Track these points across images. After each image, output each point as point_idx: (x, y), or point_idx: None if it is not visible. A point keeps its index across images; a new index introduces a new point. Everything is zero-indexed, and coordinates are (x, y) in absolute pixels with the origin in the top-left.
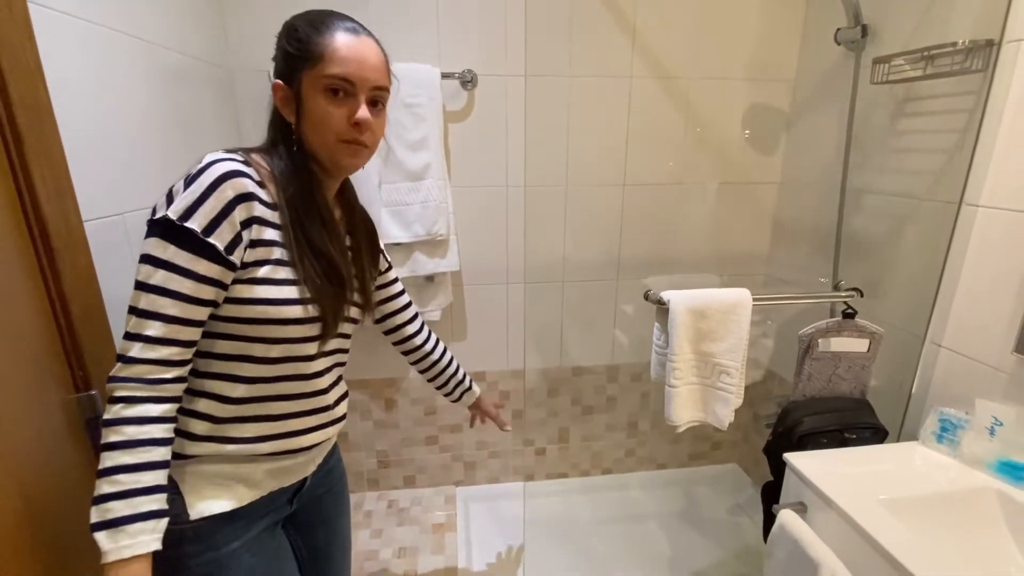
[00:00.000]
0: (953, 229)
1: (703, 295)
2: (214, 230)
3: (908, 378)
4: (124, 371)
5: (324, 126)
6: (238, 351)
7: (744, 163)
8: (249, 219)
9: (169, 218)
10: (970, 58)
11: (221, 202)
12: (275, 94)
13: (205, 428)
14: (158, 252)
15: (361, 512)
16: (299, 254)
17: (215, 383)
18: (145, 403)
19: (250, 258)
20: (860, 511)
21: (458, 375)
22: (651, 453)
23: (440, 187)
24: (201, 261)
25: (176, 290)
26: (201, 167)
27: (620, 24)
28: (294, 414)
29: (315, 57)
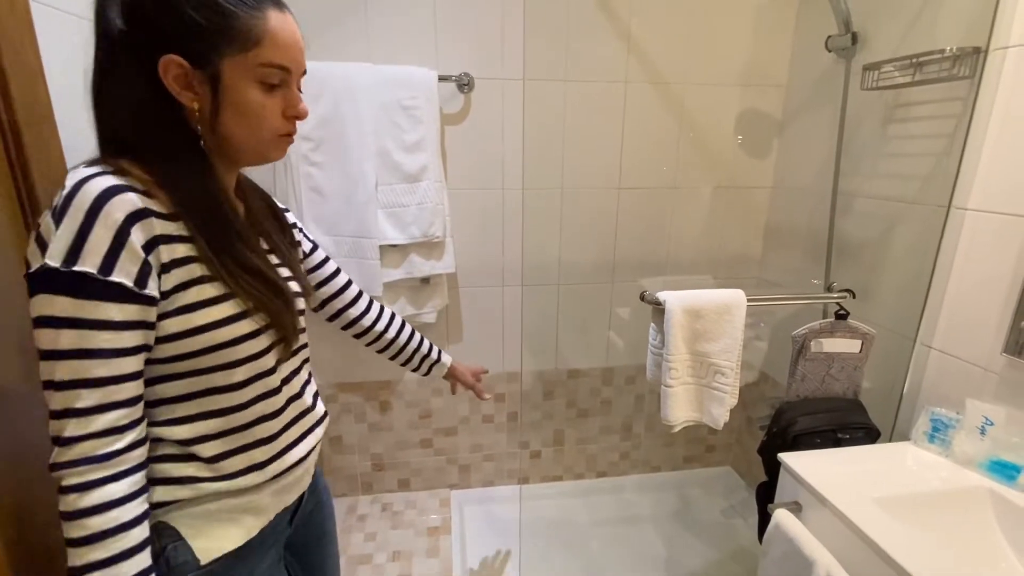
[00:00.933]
0: (942, 232)
1: (698, 296)
2: (113, 265)
3: (899, 379)
4: (65, 455)
5: (259, 121)
6: (198, 387)
7: (737, 167)
8: (151, 240)
9: (50, 267)
10: (957, 65)
11: (110, 229)
12: (165, 73)
13: (194, 470)
14: (54, 310)
15: (355, 515)
16: (222, 266)
17: (184, 427)
18: (103, 485)
19: (169, 285)
20: (854, 509)
21: (422, 349)
22: (645, 456)
23: (436, 189)
24: (110, 306)
25: (94, 347)
26: (68, 193)
27: (615, 29)
28: (281, 430)
29: (246, 39)
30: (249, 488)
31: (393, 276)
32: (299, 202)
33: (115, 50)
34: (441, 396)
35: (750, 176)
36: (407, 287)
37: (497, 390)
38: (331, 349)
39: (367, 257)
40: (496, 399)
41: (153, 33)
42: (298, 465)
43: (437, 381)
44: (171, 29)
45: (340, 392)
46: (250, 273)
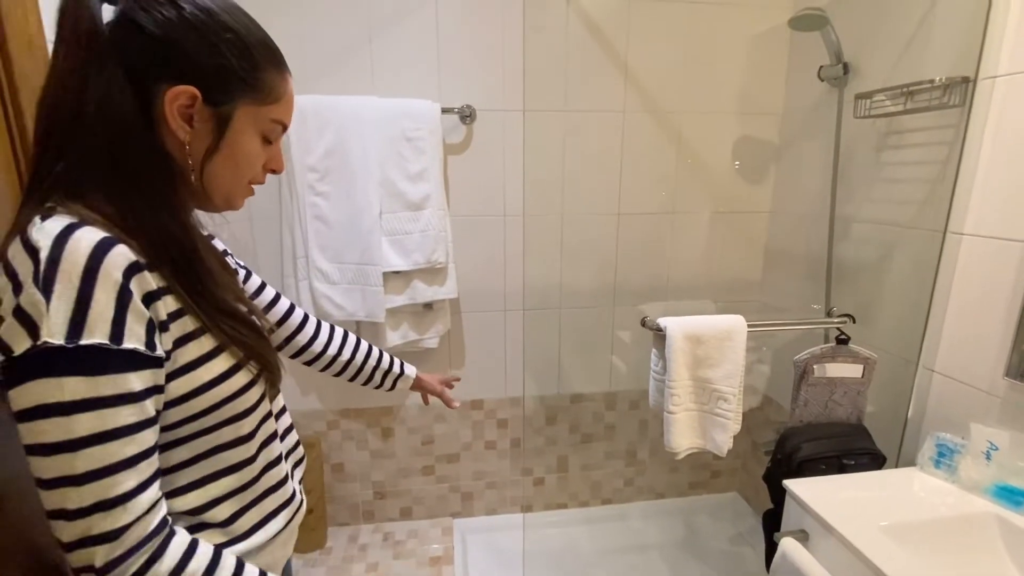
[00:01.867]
0: (939, 256)
1: (699, 321)
2: (123, 330)
3: (903, 403)
4: (120, 548)
5: (247, 167)
6: (206, 447)
7: (735, 193)
8: (148, 295)
9: (52, 345)
10: (948, 94)
11: (112, 290)
12: (173, 100)
13: (214, 536)
14: (63, 395)
15: (356, 545)
16: (211, 319)
17: (193, 495)
18: (167, 548)
19: (169, 343)
20: (862, 538)
21: (382, 364)
22: (650, 482)
23: (439, 217)
24: (129, 376)
25: (120, 425)
26: (51, 254)
27: (613, 61)
28: (284, 477)
29: (266, 92)
30: (264, 543)
31: (396, 302)
32: (304, 231)
33: (101, 63)
34: (444, 422)
35: (748, 201)
36: (410, 313)
37: (500, 415)
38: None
39: (371, 284)
40: (499, 425)
41: (166, 59)
42: (300, 510)
43: (439, 407)
44: (199, 61)
45: (342, 419)
46: (233, 318)
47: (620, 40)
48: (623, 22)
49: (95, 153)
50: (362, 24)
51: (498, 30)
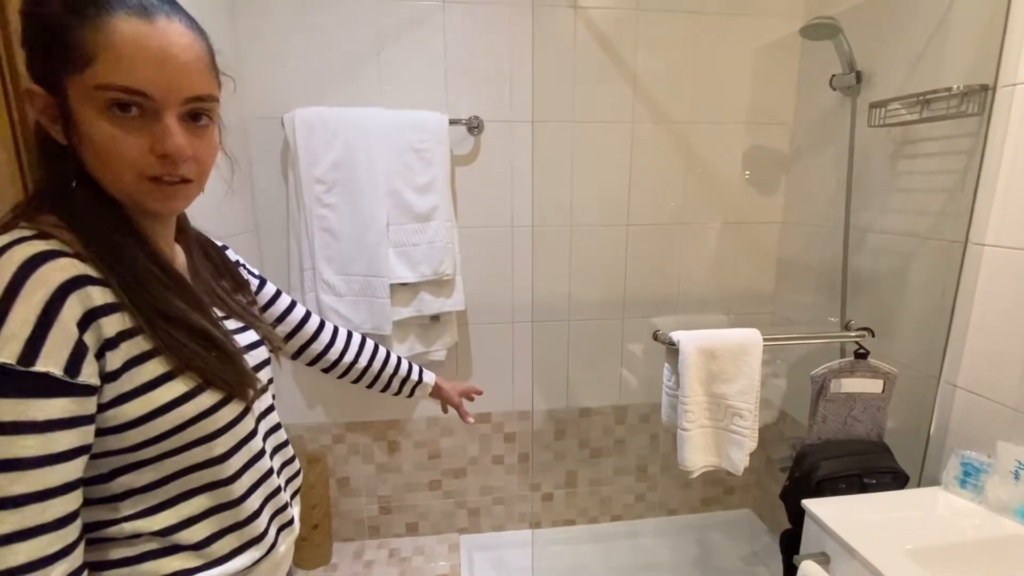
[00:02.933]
0: (961, 268)
1: (713, 335)
2: (37, 351)
3: (925, 420)
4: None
5: (114, 158)
6: (175, 468)
7: (745, 203)
8: (89, 313)
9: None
10: (965, 102)
11: (34, 307)
12: (32, 103)
13: (182, 561)
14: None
15: (361, 562)
16: (165, 339)
17: (163, 515)
18: None
19: (118, 362)
20: (887, 563)
21: (401, 371)
22: (662, 498)
23: (447, 228)
24: (34, 403)
25: (14, 457)
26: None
27: (621, 71)
28: (272, 493)
29: (78, 56)
30: (247, 569)
31: (403, 314)
32: (311, 242)
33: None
34: (451, 436)
35: (759, 212)
36: (417, 325)
37: (507, 429)
38: (338, 387)
39: (378, 296)
40: (506, 439)
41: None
42: (292, 525)
43: (446, 420)
44: (28, 53)
45: (348, 432)
46: (191, 335)
47: (628, 50)
48: (631, 32)
49: (46, 174)
50: (370, 36)
51: (506, 41)
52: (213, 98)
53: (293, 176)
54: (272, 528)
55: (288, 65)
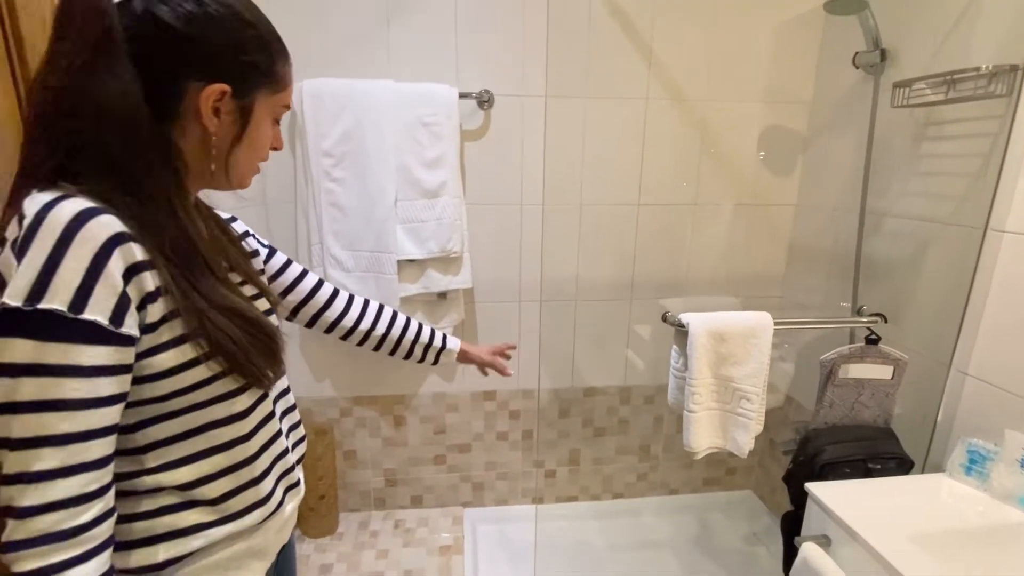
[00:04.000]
0: (979, 254)
1: (723, 318)
2: (86, 301)
3: (933, 407)
4: (22, 530)
5: (261, 150)
6: (198, 422)
7: (759, 185)
8: (132, 267)
9: (9, 307)
10: (993, 83)
11: (83, 259)
12: (207, 97)
13: (199, 515)
14: (13, 356)
15: (367, 531)
16: (199, 317)
17: (184, 470)
18: (69, 568)
19: (157, 315)
20: (888, 546)
21: (422, 338)
22: (663, 478)
23: (455, 205)
24: (82, 349)
25: (60, 398)
26: (32, 221)
27: (637, 46)
28: (281, 453)
29: (279, 82)
30: (256, 526)
31: (410, 291)
32: (319, 217)
33: (111, 57)
34: (456, 412)
35: (773, 194)
36: (424, 302)
37: (512, 407)
38: (346, 361)
39: (385, 272)
40: (511, 416)
41: (205, 56)
42: (298, 487)
43: (452, 396)
44: (227, 58)
45: (355, 406)
46: (226, 313)
47: (644, 24)
48: (648, 5)
49: (101, 145)
50: (380, 7)
51: (518, 13)
52: None
53: (301, 149)
54: (279, 489)
55: (296, 36)
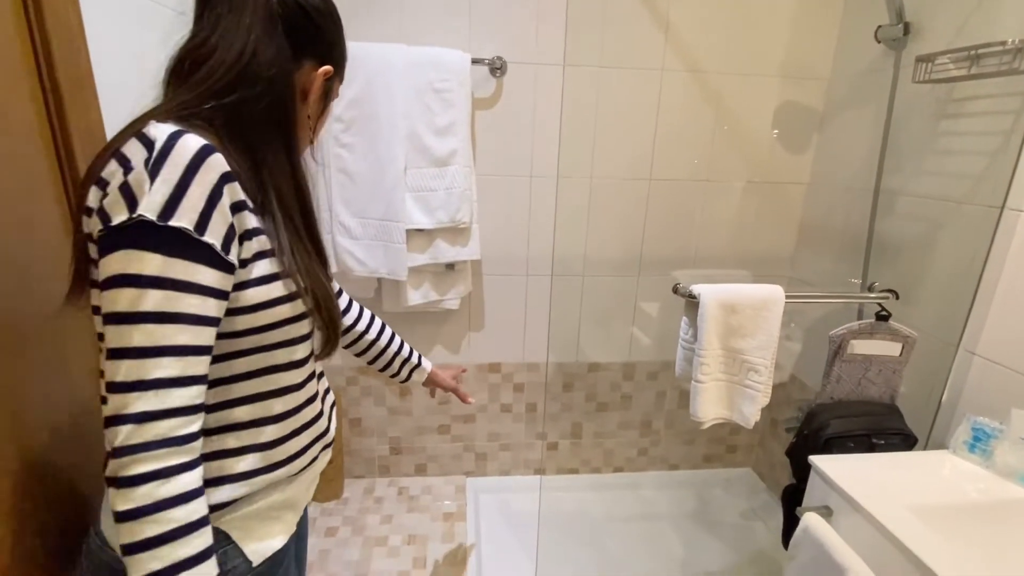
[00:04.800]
0: (994, 234)
1: (735, 289)
2: (206, 225)
3: (939, 385)
4: (140, 434)
5: (324, 126)
6: (262, 364)
7: (773, 162)
8: (235, 204)
9: (146, 219)
10: (1018, 58)
11: (207, 187)
12: (320, 78)
13: (250, 463)
14: (142, 267)
15: (372, 497)
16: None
17: (244, 408)
18: (183, 473)
19: (249, 253)
20: (888, 517)
21: (403, 352)
22: (664, 453)
23: (465, 174)
24: (201, 268)
25: (182, 312)
26: (164, 145)
27: (653, 16)
28: (320, 411)
29: (343, 61)
30: (292, 477)
31: (418, 261)
32: (328, 183)
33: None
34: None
35: (786, 171)
36: (431, 272)
37: (516, 380)
38: None
39: (394, 241)
40: (515, 389)
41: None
42: (327, 449)
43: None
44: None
45: (360, 375)
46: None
47: None
48: None
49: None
50: None
51: None
52: None
53: None
54: (317, 445)
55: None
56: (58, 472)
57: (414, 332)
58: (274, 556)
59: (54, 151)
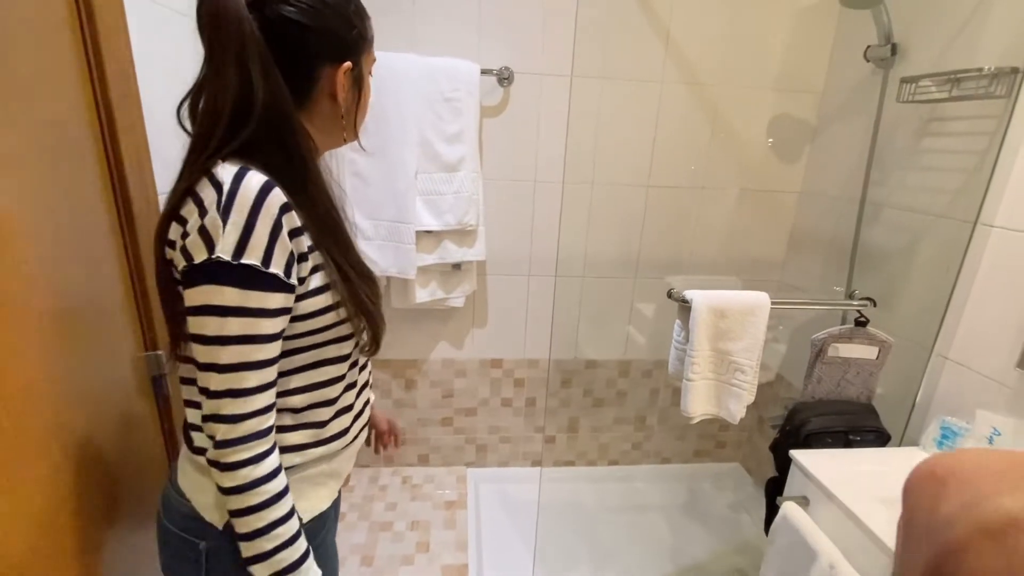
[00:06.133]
0: (967, 247)
1: (724, 296)
2: (271, 258)
3: (913, 387)
4: (235, 432)
5: (368, 104)
6: (317, 358)
7: (766, 171)
8: (293, 231)
9: (222, 260)
10: (994, 83)
11: (269, 223)
12: (341, 79)
13: (303, 437)
14: (224, 300)
15: (377, 485)
16: (341, 273)
17: (300, 396)
18: (268, 456)
19: (307, 270)
20: (860, 506)
21: None
22: (657, 447)
23: (473, 179)
24: (270, 295)
25: (258, 334)
26: (231, 188)
27: (655, 29)
28: (356, 398)
29: (370, 39)
30: (339, 451)
31: (427, 260)
32: (341, 186)
33: (257, 59)
34: (464, 377)
35: (779, 180)
36: (439, 272)
37: (517, 375)
38: None
39: (404, 241)
40: (516, 384)
41: (331, 41)
42: (364, 430)
43: (461, 362)
44: (346, 38)
45: None
46: (360, 274)
47: (664, 7)
48: None
49: (265, 137)
50: None
51: None
52: None
53: None
54: (359, 423)
55: None
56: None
57: (420, 328)
58: (320, 515)
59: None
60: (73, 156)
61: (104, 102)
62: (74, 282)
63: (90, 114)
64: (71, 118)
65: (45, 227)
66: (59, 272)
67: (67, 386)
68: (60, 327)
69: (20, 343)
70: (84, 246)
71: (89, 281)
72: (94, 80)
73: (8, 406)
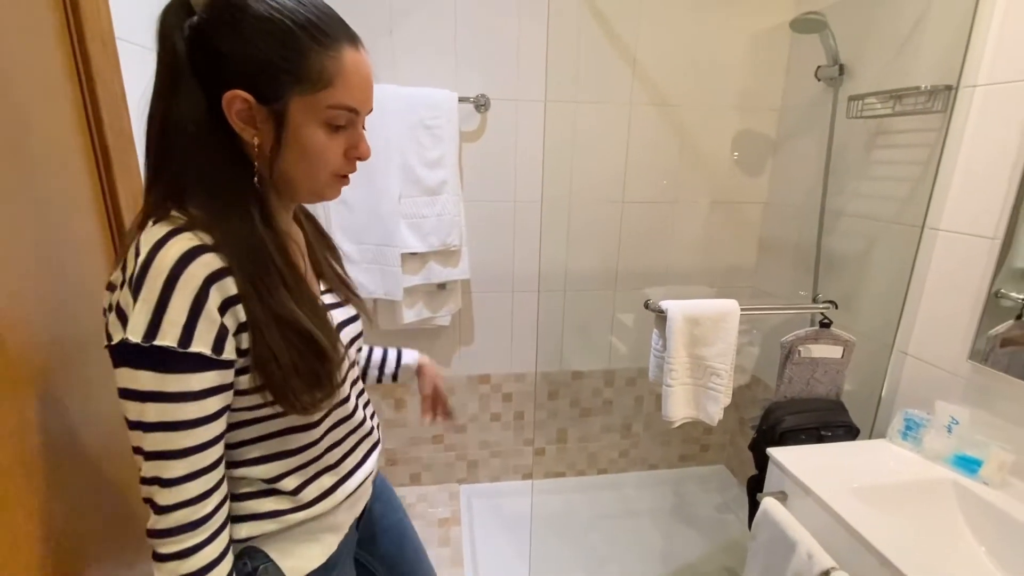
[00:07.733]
0: (917, 250)
1: (697, 304)
2: (192, 336)
3: (878, 382)
4: (161, 523)
5: (320, 162)
6: (277, 428)
7: (733, 184)
8: (227, 300)
9: (131, 343)
10: (932, 99)
11: (188, 297)
12: (229, 108)
13: (276, 503)
14: (138, 384)
15: None
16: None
17: (264, 467)
18: (199, 550)
19: (247, 343)
20: (834, 498)
21: (374, 358)
22: (644, 454)
23: (454, 202)
24: (191, 377)
25: (179, 420)
26: (145, 260)
27: (622, 56)
28: (350, 451)
29: (317, 79)
30: (326, 512)
31: (413, 281)
32: (327, 212)
33: (177, 77)
34: (453, 394)
35: (745, 192)
36: (425, 292)
37: (505, 390)
38: None
39: (389, 264)
40: (504, 398)
41: (221, 65)
42: (362, 485)
43: (449, 381)
44: (241, 63)
45: None
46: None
47: (630, 35)
48: (634, 18)
49: (184, 164)
50: (383, 16)
51: (513, 22)
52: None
53: None
54: (354, 477)
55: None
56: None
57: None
58: (315, 572)
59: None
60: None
61: (102, 144)
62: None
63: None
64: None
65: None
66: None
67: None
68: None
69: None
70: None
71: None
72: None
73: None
